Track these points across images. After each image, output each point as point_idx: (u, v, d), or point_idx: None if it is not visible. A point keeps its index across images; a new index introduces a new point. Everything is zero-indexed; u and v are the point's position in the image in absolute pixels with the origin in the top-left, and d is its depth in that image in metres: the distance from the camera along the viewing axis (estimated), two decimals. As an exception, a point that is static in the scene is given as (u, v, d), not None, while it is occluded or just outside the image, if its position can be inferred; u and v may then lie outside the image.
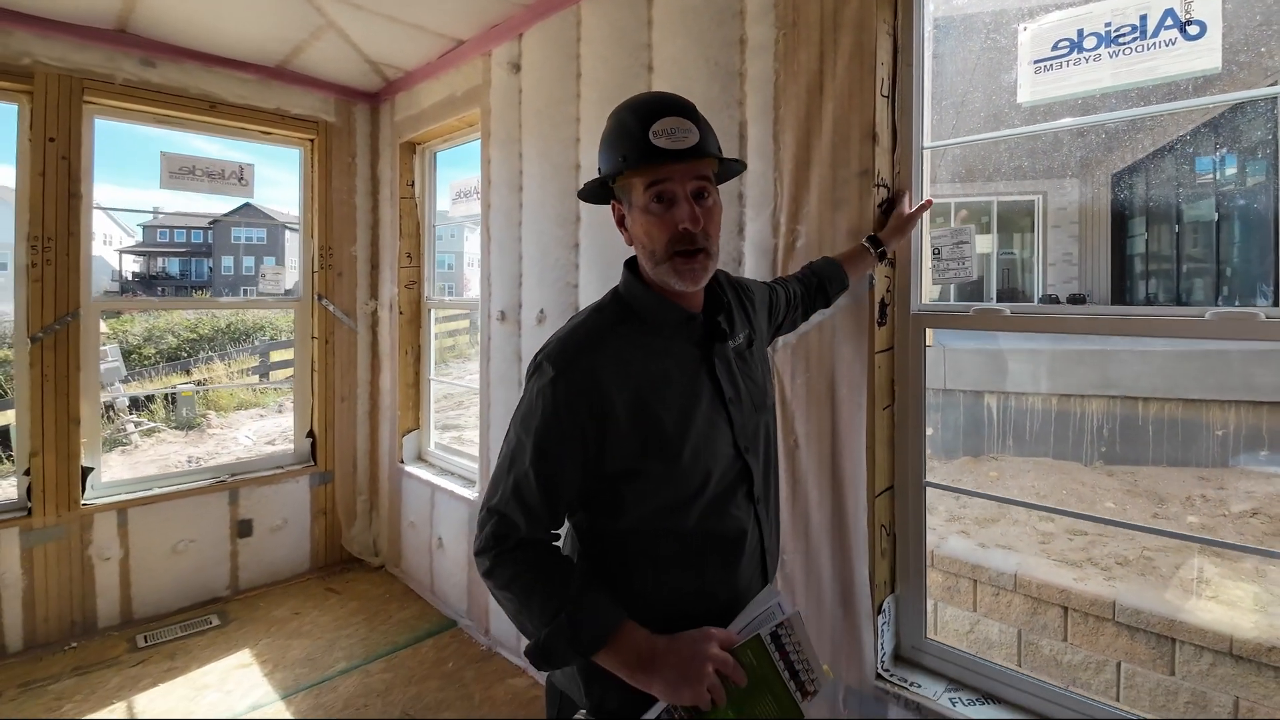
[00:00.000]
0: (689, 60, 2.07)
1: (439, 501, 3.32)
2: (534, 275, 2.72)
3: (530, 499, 1.03)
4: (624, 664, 0.98)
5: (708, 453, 1.06)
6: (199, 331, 15.29)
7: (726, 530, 1.10)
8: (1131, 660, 2.87)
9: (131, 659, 2.91)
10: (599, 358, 1.04)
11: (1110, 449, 4.62)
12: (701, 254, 1.05)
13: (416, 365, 3.78)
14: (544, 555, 1.05)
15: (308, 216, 3.84)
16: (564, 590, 1.00)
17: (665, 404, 1.05)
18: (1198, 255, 6.79)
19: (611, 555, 1.10)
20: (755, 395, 1.17)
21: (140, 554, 3.21)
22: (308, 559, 3.72)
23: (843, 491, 1.73)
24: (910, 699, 1.61)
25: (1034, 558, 3.46)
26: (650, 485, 1.05)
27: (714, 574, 1.09)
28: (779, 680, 1.03)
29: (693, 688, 0.94)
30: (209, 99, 3.41)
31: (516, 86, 2.80)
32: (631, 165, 1.03)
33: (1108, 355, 4.76)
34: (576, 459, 1.03)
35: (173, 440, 9.15)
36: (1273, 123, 5.28)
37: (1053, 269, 8.54)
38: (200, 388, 11.06)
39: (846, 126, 1.70)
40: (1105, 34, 1.43)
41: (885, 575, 1.75)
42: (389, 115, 3.80)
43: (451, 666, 2.82)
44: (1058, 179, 8.43)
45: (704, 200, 1.06)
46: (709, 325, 1.14)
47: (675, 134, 1.02)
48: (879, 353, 1.71)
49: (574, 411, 1.01)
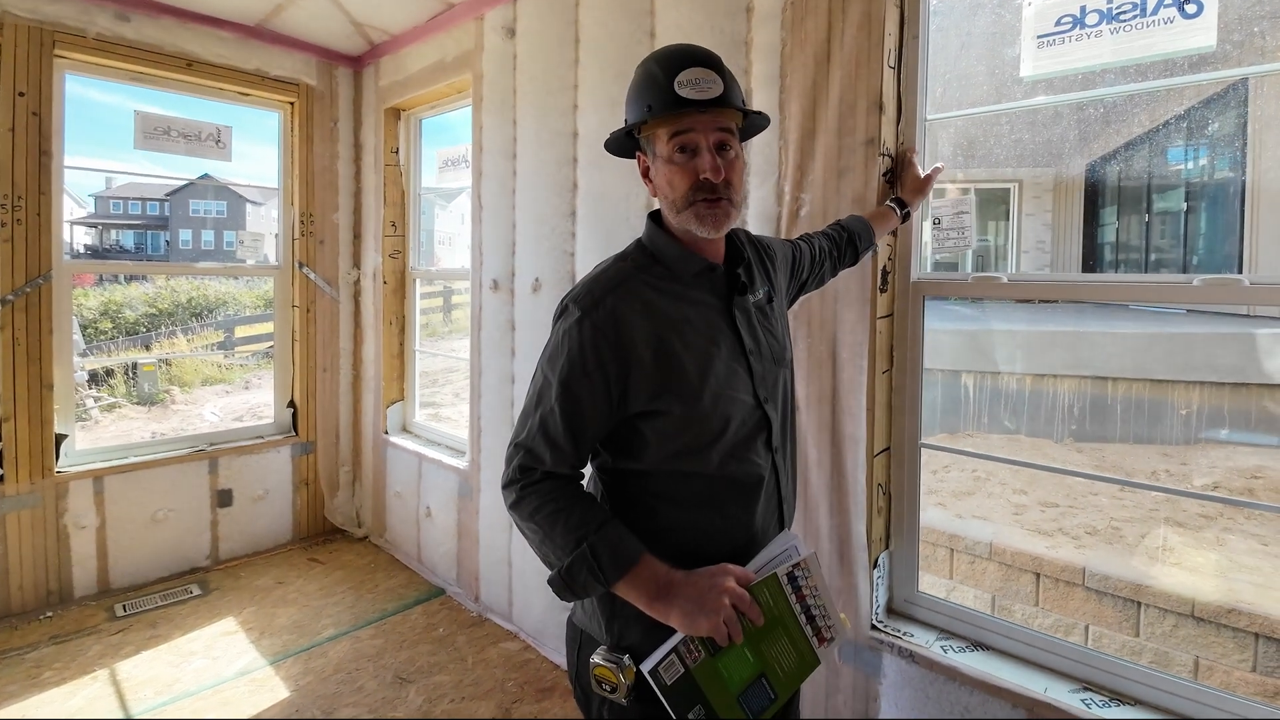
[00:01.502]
0: (694, 27, 2.09)
1: (427, 471, 3.33)
2: (528, 243, 2.73)
3: (555, 434, 1.07)
4: (643, 594, 1.02)
5: (727, 399, 1.09)
6: (158, 306, 14.86)
7: (746, 475, 1.13)
8: (1099, 623, 3.03)
9: (111, 628, 2.88)
10: (622, 299, 1.07)
11: (1080, 426, 4.82)
12: (724, 202, 1.08)
13: (401, 336, 3.75)
14: (568, 488, 1.09)
15: (287, 182, 3.77)
16: (587, 521, 1.03)
17: (687, 347, 1.08)
18: (1164, 246, 7.04)
19: (634, 495, 1.13)
20: (775, 350, 1.20)
21: (117, 523, 3.17)
22: (290, 529, 3.70)
23: (842, 451, 1.80)
24: (904, 647, 1.69)
25: (1008, 528, 3.61)
26: (671, 426, 1.08)
27: (733, 517, 1.13)
28: (795, 623, 1.05)
29: (709, 619, 0.97)
30: (186, 57, 3.32)
31: (511, 52, 2.78)
32: (657, 114, 1.06)
33: (1080, 337, 4.94)
34: (600, 396, 1.06)
35: (134, 416, 8.93)
36: (1244, 113, 5.48)
37: (1025, 256, 8.77)
38: (165, 362, 10.78)
39: (853, 96, 1.74)
40: (1107, 10, 1.49)
41: (881, 532, 1.83)
42: (373, 79, 3.73)
43: (442, 632, 2.85)
44: (1032, 167, 8.63)
45: (726, 152, 1.08)
46: (730, 277, 1.17)
47: (700, 84, 1.04)
48: (880, 319, 1.77)
49: (598, 350, 1.05)
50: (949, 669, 1.61)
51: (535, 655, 2.67)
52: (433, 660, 2.65)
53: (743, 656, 1.01)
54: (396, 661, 2.64)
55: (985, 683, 1.55)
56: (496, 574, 2.90)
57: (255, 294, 16.25)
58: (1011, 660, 1.63)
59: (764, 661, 1.02)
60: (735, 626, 0.98)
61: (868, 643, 1.76)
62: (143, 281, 17.32)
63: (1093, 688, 1.52)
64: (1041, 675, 1.58)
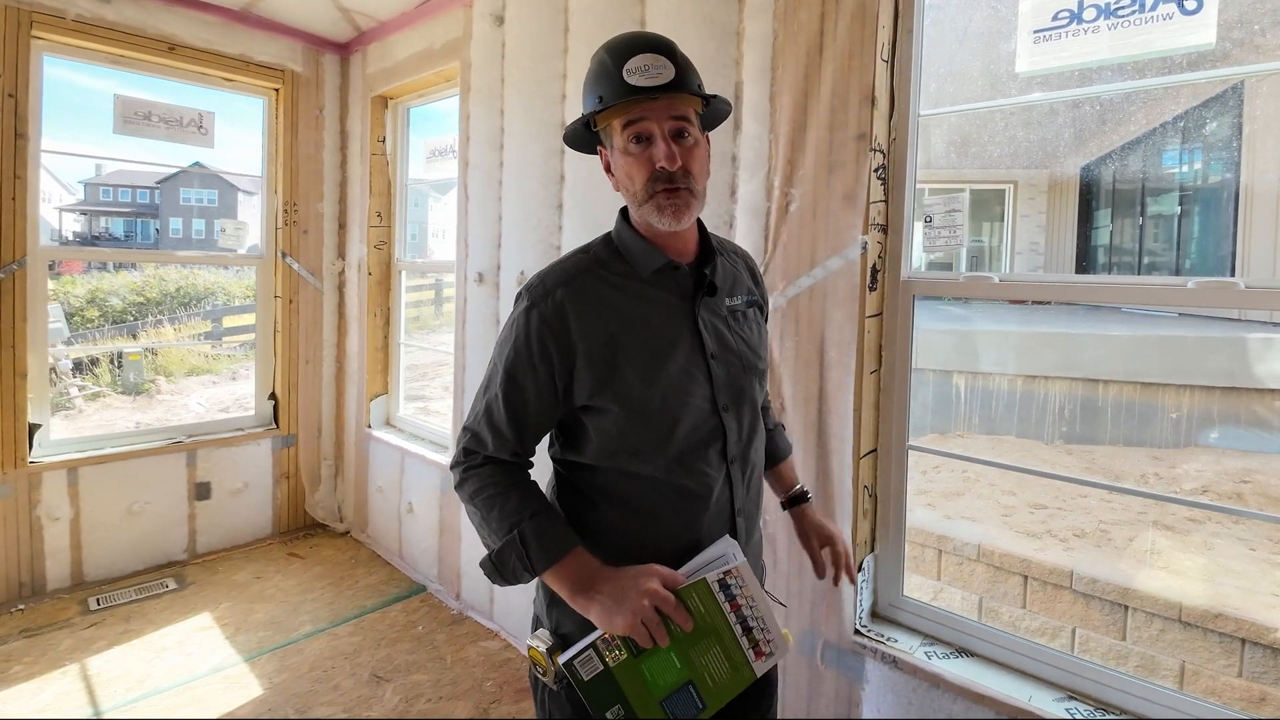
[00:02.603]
0: (684, 16, 2.05)
1: (409, 467, 3.28)
2: (515, 236, 2.68)
3: (498, 421, 1.09)
4: (567, 586, 1.01)
5: (678, 403, 1.06)
6: (146, 295, 14.71)
7: (692, 485, 1.09)
8: (1086, 626, 3.02)
9: (84, 622, 2.83)
10: (573, 292, 1.06)
11: (1070, 428, 4.81)
12: (683, 191, 1.04)
13: (386, 329, 3.70)
14: (508, 474, 1.10)
15: (271, 170, 3.70)
16: (522, 509, 1.04)
17: (637, 346, 1.05)
18: (1158, 249, 7.05)
19: (580, 488, 1.13)
20: (746, 357, 1.15)
21: (92, 515, 3.11)
22: (269, 523, 3.65)
23: (828, 453, 1.77)
24: (887, 653, 1.66)
25: (997, 529, 3.60)
26: (613, 424, 1.06)
27: (676, 525, 1.09)
28: (729, 632, 1.01)
29: (625, 618, 0.95)
30: (168, 40, 3.26)
31: (500, 40, 2.73)
32: (608, 103, 1.03)
33: (1072, 339, 4.94)
34: (544, 387, 1.06)
35: (119, 405, 8.83)
36: (1239, 115, 5.47)
37: (1019, 258, 8.78)
38: (151, 352, 10.66)
39: (845, 89, 1.70)
40: (1105, 6, 1.46)
41: (866, 535, 1.80)
42: (360, 67, 3.67)
43: (421, 630, 2.81)
44: (1026, 168, 8.64)
45: (683, 139, 1.04)
46: (697, 276, 1.14)
47: (650, 70, 1.01)
48: (869, 317, 1.74)
49: (543, 341, 1.04)
50: (932, 676, 1.58)
51: (515, 655, 2.64)
52: (411, 659, 2.61)
53: (669, 661, 0.98)
54: (374, 659, 2.60)
55: (969, 690, 1.53)
56: (478, 571, 2.85)
57: (244, 284, 16.10)
58: (996, 667, 1.60)
59: (692, 669, 0.99)
60: (657, 628, 0.95)
61: (851, 647, 1.73)
62: (131, 270, 17.15)
63: (1078, 696, 1.50)
64: (1026, 683, 1.55)
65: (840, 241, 1.74)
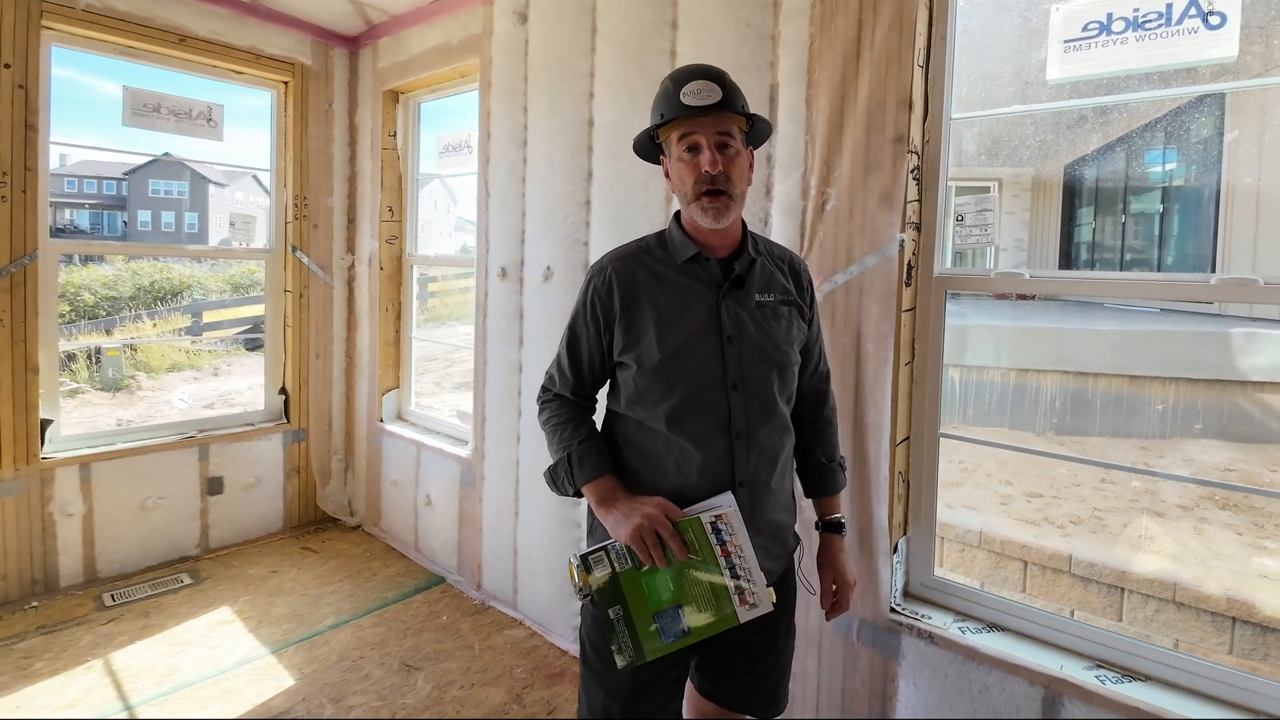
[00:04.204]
0: (718, 20, 2.12)
1: (426, 460, 3.32)
2: (539, 232, 2.74)
3: (563, 365, 1.40)
4: (595, 498, 1.29)
5: (679, 368, 1.27)
6: (118, 290, 14.42)
7: (691, 445, 1.27)
8: (1084, 608, 3.17)
9: (101, 617, 2.83)
10: (620, 268, 1.34)
11: (1061, 420, 5.00)
12: (724, 195, 1.25)
13: (398, 323, 3.73)
14: (569, 408, 1.39)
15: (281, 164, 3.71)
16: (574, 436, 1.34)
17: (657, 316, 1.29)
18: (1138, 246, 7.30)
19: (614, 431, 1.39)
20: (766, 347, 1.31)
21: (105, 510, 3.11)
22: (281, 518, 3.67)
23: (864, 441, 1.86)
24: (923, 629, 1.77)
25: (996, 517, 3.74)
26: (631, 377, 1.31)
27: (673, 475, 1.29)
28: (719, 572, 1.18)
29: (627, 529, 1.19)
30: (178, 32, 3.25)
31: (523, 37, 2.78)
32: (667, 119, 1.27)
33: (1063, 333, 5.12)
34: (593, 340, 1.35)
35: (98, 402, 8.68)
36: (1220, 120, 5.70)
37: (1004, 254, 9.01)
38: (130, 348, 10.47)
39: (883, 93, 1.79)
40: (1133, 18, 1.56)
41: (900, 518, 1.90)
42: (370, 61, 3.69)
43: (446, 619, 2.87)
44: (1013, 166, 8.86)
45: (726, 150, 1.26)
46: (725, 269, 1.33)
47: (702, 93, 1.24)
48: (904, 312, 1.83)
49: (593, 305, 1.34)
50: (967, 649, 1.69)
51: (542, 642, 2.70)
52: (438, 648, 2.67)
53: (665, 582, 1.18)
54: (401, 649, 2.65)
55: (1003, 661, 1.63)
56: (501, 561, 2.92)
57: (221, 278, 15.85)
58: (1027, 640, 1.72)
59: (684, 595, 1.18)
60: (655, 547, 1.17)
61: (887, 625, 1.83)
62: (100, 263, 16.78)
63: (1105, 665, 1.61)
64: (1056, 654, 1.66)
65: (877, 239, 1.83)
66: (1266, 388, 4.64)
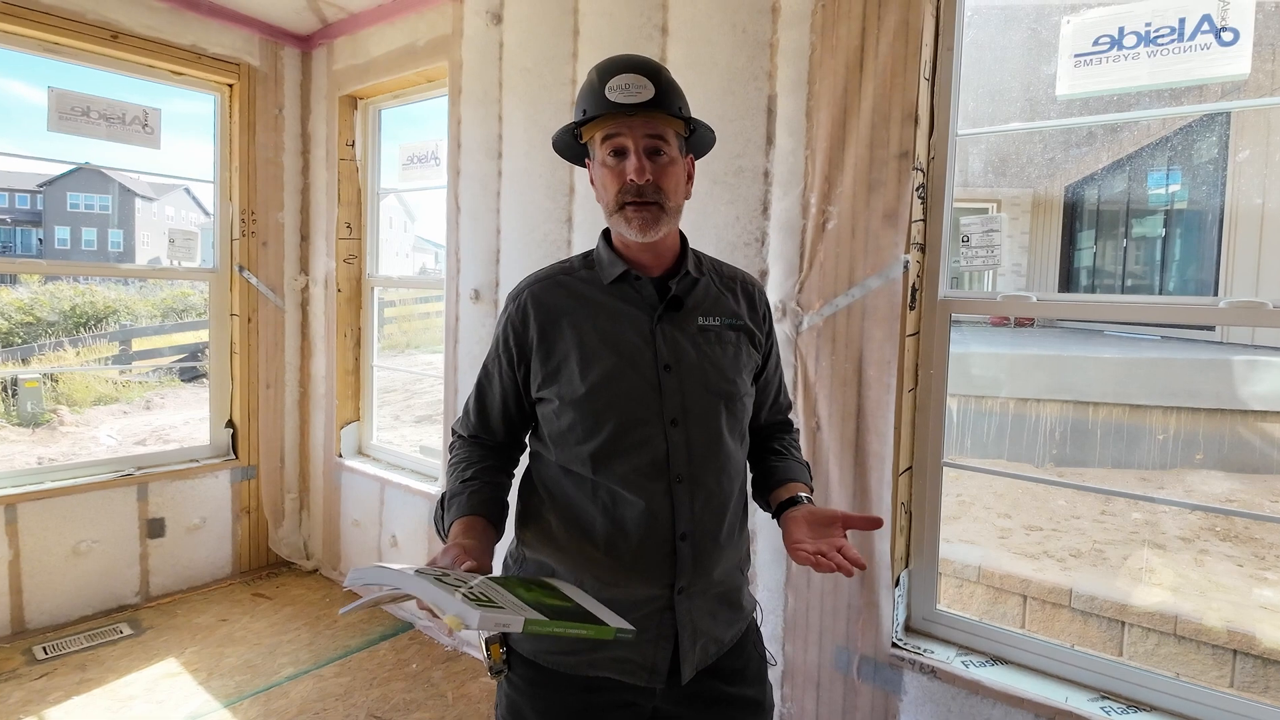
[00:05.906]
0: (712, 25, 2.12)
1: (391, 497, 3.23)
2: (516, 251, 2.70)
3: (470, 406, 1.32)
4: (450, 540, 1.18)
5: (612, 405, 1.14)
6: (35, 314, 13.88)
7: (621, 489, 1.14)
8: (1084, 643, 3.21)
9: (32, 672, 2.70)
10: (536, 294, 1.23)
11: (1061, 450, 5.09)
12: (653, 206, 1.14)
13: (357, 350, 3.64)
14: (468, 451, 1.29)
15: (225, 175, 3.61)
16: (458, 480, 1.23)
17: (580, 345, 1.17)
18: (1139, 271, 7.52)
19: (531, 474, 1.30)
20: (711, 375, 1.19)
21: (33, 555, 2.97)
22: (230, 562, 3.53)
23: (865, 470, 1.87)
24: (925, 664, 1.78)
25: (995, 551, 3.78)
26: (553, 414, 1.19)
27: (605, 531, 1.14)
28: None
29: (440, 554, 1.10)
30: (111, 28, 3.14)
31: (497, 40, 2.75)
32: (589, 117, 1.15)
33: (1063, 361, 5.25)
34: (506, 376, 1.25)
35: (16, 439, 8.31)
36: (1225, 140, 5.91)
37: (1002, 279, 9.20)
38: (50, 378, 10.05)
39: (887, 107, 1.81)
40: (1145, 33, 1.60)
41: (902, 551, 1.91)
42: (324, 62, 3.62)
43: (416, 667, 2.78)
44: (1013, 189, 9.08)
45: (658, 157, 1.15)
46: (661, 289, 1.21)
47: (630, 89, 1.12)
48: (908, 336, 1.84)
49: (507, 337, 1.24)
50: (971, 683, 1.70)
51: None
52: (409, 697, 2.58)
53: None
54: (368, 699, 2.56)
55: (1008, 694, 1.65)
56: (474, 608, 2.84)
57: (151, 301, 15.34)
58: (1030, 673, 1.74)
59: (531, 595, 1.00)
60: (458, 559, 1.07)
61: (889, 660, 1.83)
62: (13, 285, 16.17)
63: (1110, 696, 1.64)
64: (1061, 686, 1.68)
65: (881, 260, 1.84)
66: (1268, 417, 4.80)
